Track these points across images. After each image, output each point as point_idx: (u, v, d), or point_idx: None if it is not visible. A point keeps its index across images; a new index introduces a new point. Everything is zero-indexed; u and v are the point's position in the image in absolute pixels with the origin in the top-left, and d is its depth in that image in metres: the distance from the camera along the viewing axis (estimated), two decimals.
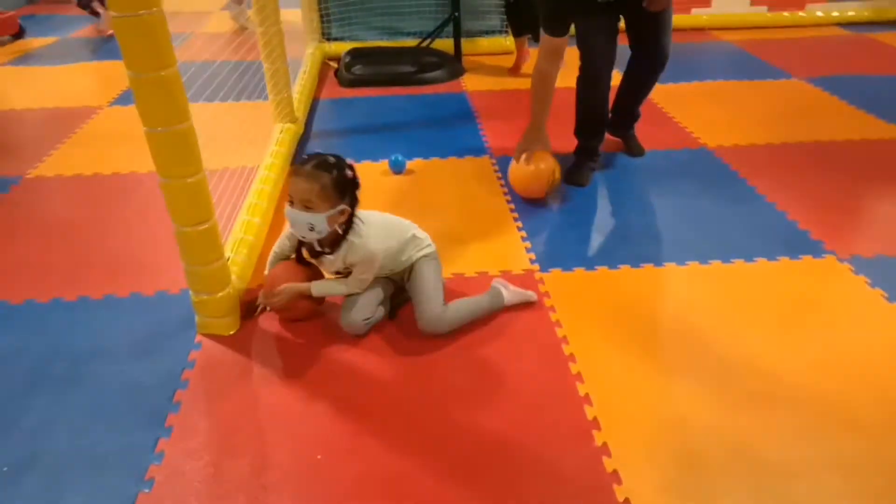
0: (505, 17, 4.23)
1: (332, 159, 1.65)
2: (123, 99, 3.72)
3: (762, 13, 4.87)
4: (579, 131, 2.74)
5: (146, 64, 1.43)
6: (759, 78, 3.84)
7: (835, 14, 4.86)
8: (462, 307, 1.80)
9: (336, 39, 4.42)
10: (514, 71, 4.06)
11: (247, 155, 2.60)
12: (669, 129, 3.18)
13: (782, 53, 4.25)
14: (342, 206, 1.63)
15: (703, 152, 2.91)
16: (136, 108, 1.49)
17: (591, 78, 2.55)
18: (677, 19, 4.95)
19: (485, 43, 4.45)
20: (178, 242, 1.66)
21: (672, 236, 2.27)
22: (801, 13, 4.92)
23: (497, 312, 1.86)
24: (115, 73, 4.21)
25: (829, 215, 2.36)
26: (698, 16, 4.82)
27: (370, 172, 2.76)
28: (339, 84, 3.92)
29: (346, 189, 1.64)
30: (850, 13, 4.88)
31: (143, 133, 1.52)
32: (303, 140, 3.11)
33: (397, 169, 2.78)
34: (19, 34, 5.05)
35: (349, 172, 1.65)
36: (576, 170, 2.68)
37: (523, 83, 3.90)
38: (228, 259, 1.85)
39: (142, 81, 1.45)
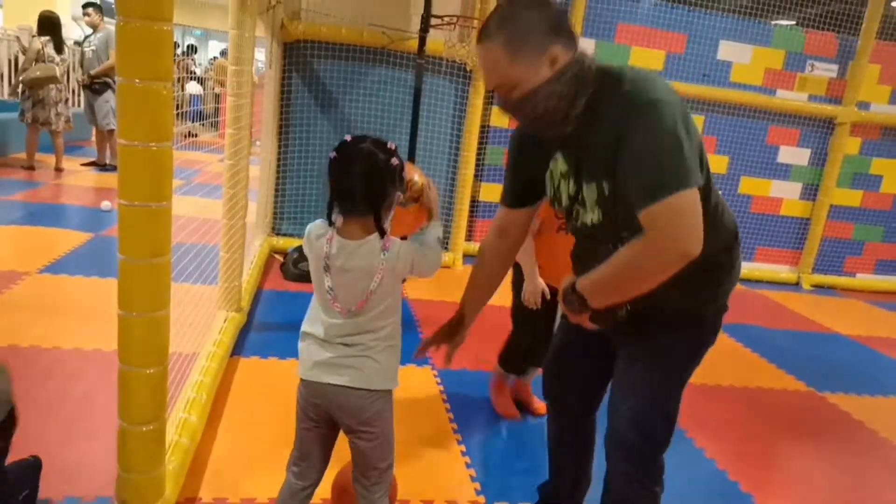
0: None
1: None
2: (55, 267, 3.59)
3: None
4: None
5: (141, 251, 1.43)
6: None
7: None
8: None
9: (285, 235, 4.57)
10: None
11: (185, 340, 2.50)
12: None
13: None
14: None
15: None
16: (118, 288, 1.45)
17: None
18: None
19: None
20: (118, 442, 1.52)
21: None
22: None
23: None
24: (49, 240, 4.11)
25: (754, 468, 2.48)
26: None
27: None
28: (283, 276, 3.99)
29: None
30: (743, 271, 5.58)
31: (118, 317, 1.45)
32: (244, 330, 3.05)
33: None
34: None
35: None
36: None
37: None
38: None
39: (133, 267, 1.43)
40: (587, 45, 4.93)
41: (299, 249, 4.18)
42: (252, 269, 3.66)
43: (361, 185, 1.37)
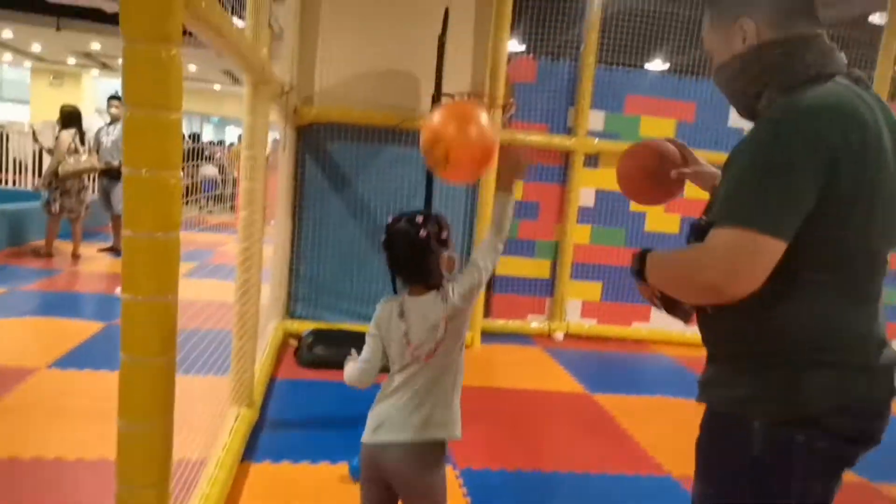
0: None
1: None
2: (65, 361, 3.49)
3: (696, 333, 5.16)
4: None
5: (146, 349, 1.34)
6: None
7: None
8: None
9: (300, 317, 4.46)
10: None
11: (192, 444, 2.33)
12: (628, 448, 3.11)
13: None
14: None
15: (669, 482, 2.77)
16: (119, 393, 1.34)
17: None
18: (619, 331, 5.43)
19: None
20: None
21: None
22: None
23: None
24: (61, 331, 4.04)
25: None
26: (639, 329, 5.18)
27: (327, 477, 2.52)
28: (297, 363, 3.85)
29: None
30: None
31: (118, 428, 1.34)
32: (257, 428, 2.87)
33: (358, 476, 2.54)
34: None
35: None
36: None
37: (484, 377, 3.91)
38: None
39: (137, 366, 1.34)
40: (596, 116, 4.97)
41: (315, 333, 4.06)
42: (265, 357, 3.53)
43: (405, 260, 1.59)
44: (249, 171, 2.69)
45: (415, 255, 1.56)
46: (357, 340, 4.19)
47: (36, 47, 13.98)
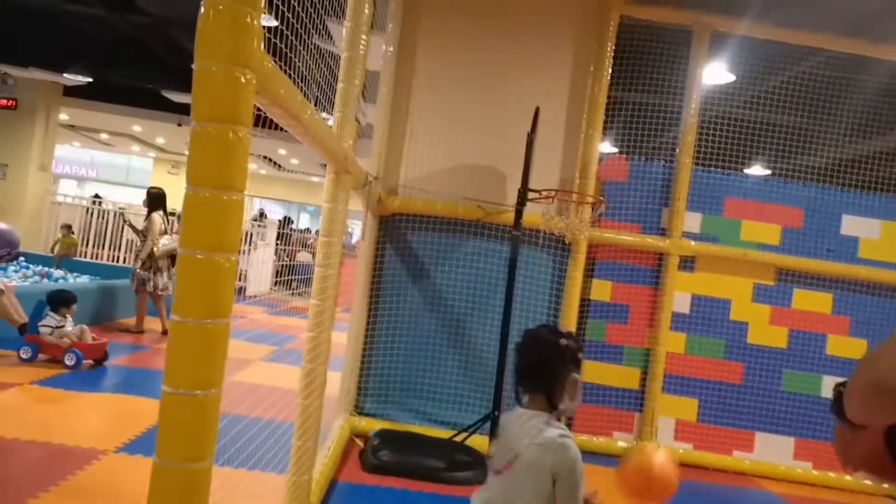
0: None
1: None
2: (133, 446, 3.41)
3: (807, 469, 4.52)
4: None
5: (180, 453, 1.19)
6: None
7: (885, 486, 4.58)
8: None
9: (368, 415, 4.27)
10: None
11: None
12: None
13: None
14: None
15: None
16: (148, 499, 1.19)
17: None
18: (718, 460, 4.72)
19: None
20: None
21: None
22: (846, 476, 4.43)
23: None
24: (134, 411, 4.03)
25: None
26: (741, 460, 4.58)
27: None
28: (361, 466, 3.60)
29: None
30: None
31: None
32: None
33: None
34: (103, 359, 5.12)
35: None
36: None
37: None
38: None
39: (169, 472, 1.19)
40: (693, 218, 4.70)
41: (381, 435, 3.84)
42: (329, 456, 3.33)
43: (531, 363, 1.59)
44: (325, 257, 2.63)
45: (547, 364, 1.56)
46: (423, 446, 3.97)
47: (160, 140, 15.47)
